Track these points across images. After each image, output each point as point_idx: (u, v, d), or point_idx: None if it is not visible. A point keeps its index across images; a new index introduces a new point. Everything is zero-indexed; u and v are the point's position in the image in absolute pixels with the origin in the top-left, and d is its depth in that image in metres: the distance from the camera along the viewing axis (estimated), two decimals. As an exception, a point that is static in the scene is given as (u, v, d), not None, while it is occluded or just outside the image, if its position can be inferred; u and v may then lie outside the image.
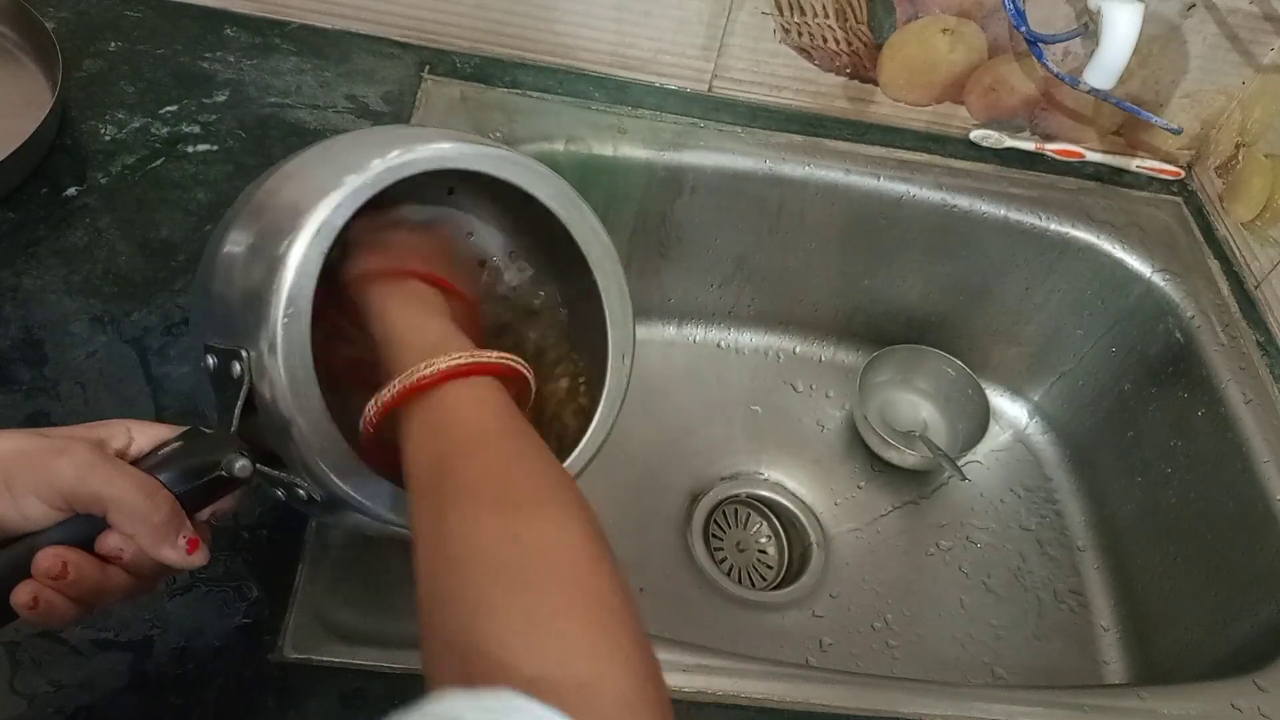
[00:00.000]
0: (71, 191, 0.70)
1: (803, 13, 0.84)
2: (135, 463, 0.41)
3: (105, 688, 0.50)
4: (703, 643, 0.58)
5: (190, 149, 0.74)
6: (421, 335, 0.45)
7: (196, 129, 0.75)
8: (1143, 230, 0.88)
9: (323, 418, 0.43)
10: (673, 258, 0.92)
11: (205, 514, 0.43)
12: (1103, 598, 0.87)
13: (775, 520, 0.91)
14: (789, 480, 0.93)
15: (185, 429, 0.44)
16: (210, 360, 0.45)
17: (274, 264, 0.43)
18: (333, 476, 0.44)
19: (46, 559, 0.37)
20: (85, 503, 0.38)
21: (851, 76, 0.88)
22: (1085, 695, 0.61)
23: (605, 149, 0.83)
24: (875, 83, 0.89)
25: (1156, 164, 0.92)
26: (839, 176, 0.87)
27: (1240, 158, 0.88)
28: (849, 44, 0.86)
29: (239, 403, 0.43)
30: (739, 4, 0.83)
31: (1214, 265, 0.87)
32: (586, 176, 0.82)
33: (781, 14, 0.84)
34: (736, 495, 0.91)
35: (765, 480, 0.93)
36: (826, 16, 0.84)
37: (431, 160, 0.47)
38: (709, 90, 0.89)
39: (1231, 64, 0.86)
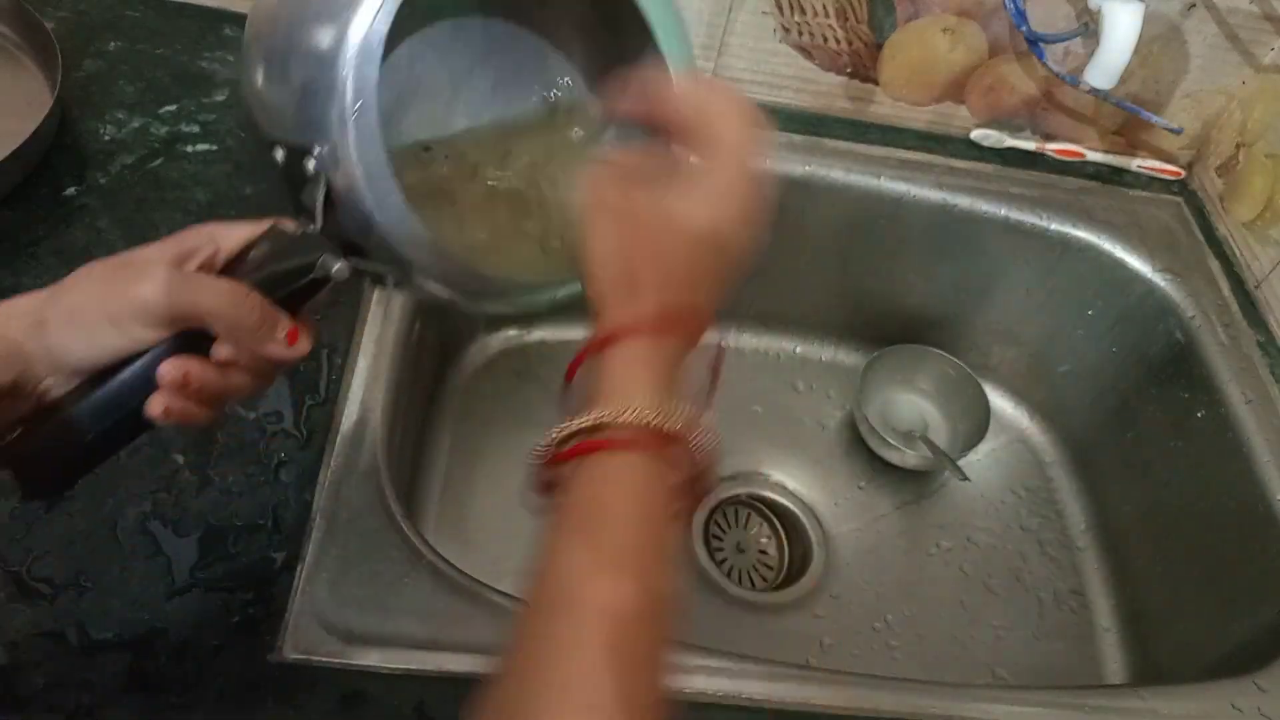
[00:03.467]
0: (71, 191, 0.70)
1: (803, 12, 0.84)
2: (230, 268, 0.42)
3: (105, 688, 0.50)
4: (703, 643, 0.58)
5: (189, 148, 0.74)
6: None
7: (196, 128, 0.76)
8: (1143, 230, 0.88)
9: (404, 211, 0.42)
10: (673, 258, 0.92)
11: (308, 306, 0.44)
12: (1103, 598, 0.87)
13: (775, 521, 0.91)
14: (789, 480, 0.93)
15: (269, 225, 0.43)
16: (279, 153, 0.42)
17: (334, 47, 0.39)
18: (421, 275, 0.43)
19: (169, 370, 0.39)
20: (180, 320, 0.39)
21: (852, 76, 0.88)
22: (1086, 695, 0.61)
23: (605, 149, 0.83)
24: (875, 82, 0.89)
25: (1157, 164, 0.92)
26: (839, 176, 0.87)
27: (1240, 157, 0.88)
28: (849, 43, 0.86)
29: (319, 202, 0.41)
30: (739, 3, 0.83)
31: (1214, 265, 0.87)
32: (586, 176, 0.82)
33: (781, 13, 0.84)
34: (737, 495, 0.91)
35: (766, 480, 0.93)
36: (827, 16, 0.84)
37: None
38: (709, 90, 0.89)
39: (1232, 64, 0.86)
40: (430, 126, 0.51)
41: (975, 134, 0.91)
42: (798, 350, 1.01)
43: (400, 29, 0.42)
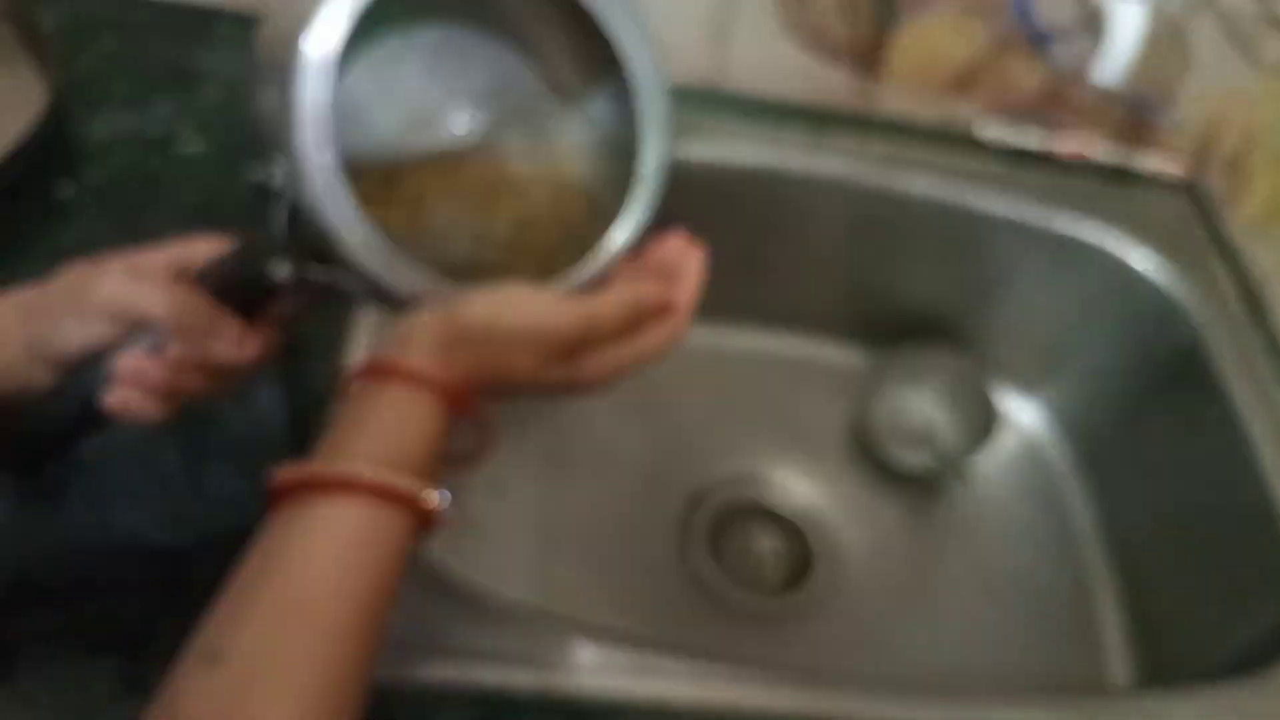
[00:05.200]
0: (66, 190, 0.69)
1: (807, 7, 0.83)
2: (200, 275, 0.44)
3: (105, 688, 0.50)
4: (703, 650, 0.57)
5: (184, 148, 0.74)
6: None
7: (190, 128, 0.75)
8: (1149, 229, 0.88)
9: (359, 224, 0.43)
10: (674, 257, 0.91)
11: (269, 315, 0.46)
12: (1109, 601, 0.87)
13: (776, 524, 0.91)
14: (792, 484, 0.92)
15: (242, 239, 0.45)
16: (259, 174, 0.45)
17: (291, 64, 0.41)
18: (378, 274, 0.44)
19: (123, 366, 0.42)
20: (128, 320, 0.41)
21: (856, 72, 0.88)
22: (1091, 699, 0.61)
23: (606, 147, 0.82)
24: (880, 78, 0.88)
25: (1163, 162, 0.92)
26: (843, 173, 0.86)
27: (1246, 157, 0.88)
28: (854, 39, 0.86)
29: (282, 211, 0.43)
30: None
31: (1220, 264, 0.87)
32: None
33: (786, 8, 0.83)
34: (739, 500, 0.91)
35: (768, 484, 0.92)
36: (831, 12, 0.84)
37: None
38: (711, 85, 0.89)
39: (1238, 63, 0.86)
40: (404, 134, 0.51)
41: (980, 131, 0.91)
42: (800, 350, 1.00)
43: (379, 34, 0.43)
